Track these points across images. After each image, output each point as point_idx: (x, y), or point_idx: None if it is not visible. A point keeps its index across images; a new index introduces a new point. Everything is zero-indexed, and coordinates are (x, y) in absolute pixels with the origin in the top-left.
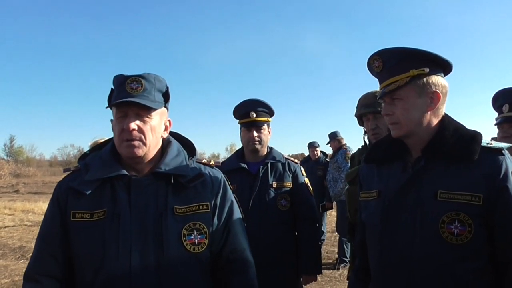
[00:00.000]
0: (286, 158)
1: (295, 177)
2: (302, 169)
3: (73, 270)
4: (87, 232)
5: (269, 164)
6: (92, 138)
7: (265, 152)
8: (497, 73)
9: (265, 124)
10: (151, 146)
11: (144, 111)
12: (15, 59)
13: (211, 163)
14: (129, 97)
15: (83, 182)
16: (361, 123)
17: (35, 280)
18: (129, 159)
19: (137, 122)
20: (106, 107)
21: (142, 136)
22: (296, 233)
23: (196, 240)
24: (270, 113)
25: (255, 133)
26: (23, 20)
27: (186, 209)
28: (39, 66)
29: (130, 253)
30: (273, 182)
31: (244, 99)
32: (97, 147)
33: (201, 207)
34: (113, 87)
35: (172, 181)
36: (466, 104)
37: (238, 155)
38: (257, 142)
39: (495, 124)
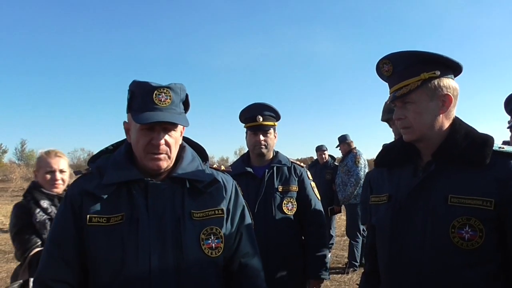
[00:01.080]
0: (292, 162)
1: (301, 181)
2: (309, 173)
3: (86, 275)
4: (104, 236)
5: (274, 168)
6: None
7: (271, 156)
8: (506, 75)
9: (272, 128)
10: (173, 157)
11: (171, 126)
12: (26, 63)
13: (222, 168)
14: (157, 110)
15: (99, 186)
16: (390, 126)
17: (47, 286)
18: (152, 171)
19: (165, 136)
20: (128, 112)
21: (168, 150)
22: (303, 237)
23: (213, 245)
24: (277, 117)
25: (261, 137)
26: (37, 24)
27: (202, 213)
28: (50, 70)
29: (149, 257)
30: (279, 186)
31: (251, 103)
32: (107, 150)
33: (216, 212)
34: (134, 93)
35: (188, 185)
36: (475, 107)
37: (244, 159)
38: (263, 146)
39: (508, 127)
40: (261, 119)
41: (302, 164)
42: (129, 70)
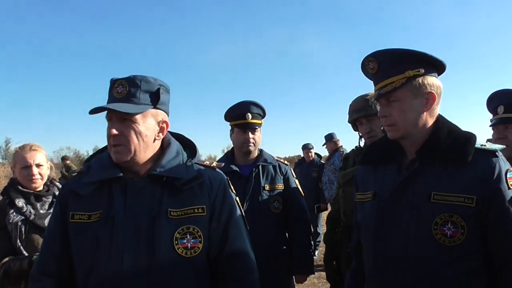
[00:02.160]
0: (277, 160)
1: (286, 179)
2: (293, 171)
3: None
4: (83, 233)
5: (260, 167)
6: None
7: (256, 155)
8: (491, 74)
9: (259, 127)
10: (137, 150)
11: (127, 115)
12: (10, 60)
13: (213, 165)
14: (114, 101)
15: (81, 184)
16: (355, 128)
17: (38, 279)
18: (120, 164)
19: (121, 127)
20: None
21: (126, 141)
22: (287, 234)
23: (189, 244)
24: (264, 115)
25: (250, 135)
26: (18, 21)
27: (180, 212)
28: (34, 68)
29: (122, 256)
30: (266, 185)
31: (239, 101)
32: (102, 150)
33: (196, 210)
34: None
35: (167, 183)
36: (460, 106)
37: (228, 157)
38: (252, 144)
39: (490, 126)
40: (250, 117)
41: (286, 162)
42: (119, 69)
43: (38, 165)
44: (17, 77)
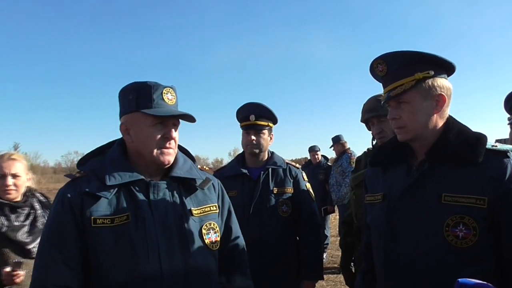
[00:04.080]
0: (287, 163)
1: (296, 183)
2: (304, 174)
3: (87, 277)
4: (111, 237)
5: (270, 170)
6: None
7: (266, 157)
8: (501, 75)
9: (266, 129)
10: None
11: (178, 122)
12: (19, 66)
13: (205, 168)
14: (167, 107)
15: (101, 187)
16: (368, 128)
17: None
18: (158, 165)
19: (175, 132)
20: (134, 111)
21: (175, 145)
22: (297, 238)
23: (213, 239)
24: (271, 118)
25: (253, 137)
26: (29, 25)
27: (200, 210)
28: (43, 73)
29: (159, 254)
30: (274, 188)
31: (245, 102)
32: (95, 152)
33: (212, 208)
34: (141, 92)
35: (183, 184)
36: (470, 106)
37: (239, 160)
38: (254, 146)
39: (508, 124)
40: (253, 118)
41: (297, 165)
42: (123, 72)
43: (14, 176)
44: (25, 82)
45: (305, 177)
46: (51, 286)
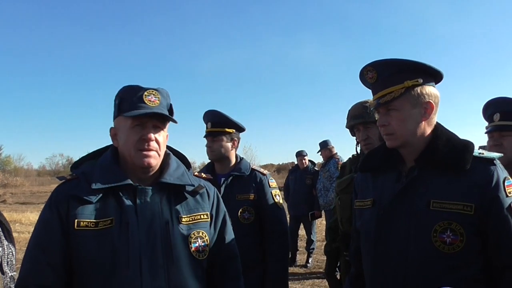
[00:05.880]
0: (253, 169)
1: (259, 189)
2: (271, 181)
3: (71, 279)
4: (94, 240)
5: (232, 176)
6: None
7: (233, 163)
8: (486, 82)
9: (223, 135)
10: (161, 157)
11: (161, 123)
12: (1, 66)
13: (202, 175)
14: (148, 109)
15: (86, 190)
16: (353, 133)
17: None
18: (141, 169)
19: (154, 134)
20: (117, 116)
21: (158, 147)
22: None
23: (200, 248)
24: (229, 124)
25: (208, 143)
26: (12, 24)
27: (189, 218)
28: (27, 74)
29: (140, 261)
30: (236, 195)
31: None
32: (89, 156)
33: (202, 216)
34: (124, 97)
35: (175, 191)
36: (455, 113)
37: (209, 167)
38: (211, 153)
39: (486, 132)
40: (210, 126)
41: (264, 171)
42: (112, 73)
43: None
44: (8, 83)
45: (272, 183)
46: (32, 285)
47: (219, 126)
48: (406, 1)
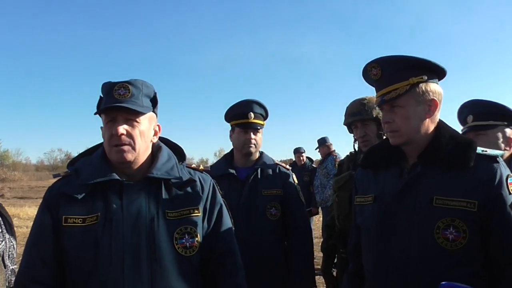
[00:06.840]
0: (277, 164)
1: (286, 185)
2: (294, 176)
3: (64, 276)
4: (79, 236)
5: (259, 170)
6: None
7: (256, 157)
8: (486, 81)
9: (261, 128)
10: (140, 151)
11: (132, 116)
12: (1, 61)
13: (200, 167)
14: (117, 103)
15: (74, 187)
16: (350, 131)
17: (25, 287)
18: (119, 164)
19: (126, 126)
20: (95, 113)
21: (131, 141)
22: (286, 243)
23: (187, 244)
24: (266, 116)
25: (252, 135)
26: (12, 19)
27: (177, 213)
28: (26, 68)
29: (123, 257)
30: (263, 190)
31: (241, 100)
32: (86, 153)
33: (192, 211)
34: (102, 95)
35: (164, 185)
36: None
37: (227, 159)
38: (253, 145)
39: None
40: (252, 116)
41: (288, 166)
42: (112, 69)
43: None
44: (6, 77)
45: (295, 179)
46: (27, 281)
47: (262, 118)
48: (407, 1)
